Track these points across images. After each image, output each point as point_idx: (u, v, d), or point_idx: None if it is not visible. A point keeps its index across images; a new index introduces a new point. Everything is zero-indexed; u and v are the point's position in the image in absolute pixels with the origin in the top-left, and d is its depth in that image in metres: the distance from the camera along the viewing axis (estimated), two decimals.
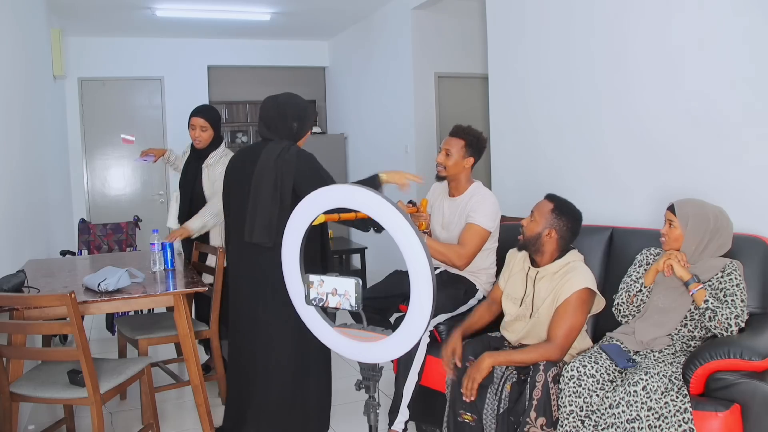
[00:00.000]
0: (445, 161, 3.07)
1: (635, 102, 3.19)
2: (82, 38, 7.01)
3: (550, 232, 2.55)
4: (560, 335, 2.44)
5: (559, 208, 2.57)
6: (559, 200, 2.61)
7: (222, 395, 3.47)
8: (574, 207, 2.62)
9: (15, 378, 2.56)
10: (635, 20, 3.17)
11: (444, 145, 3.09)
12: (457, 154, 3.05)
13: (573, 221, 2.57)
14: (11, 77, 3.69)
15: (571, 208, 2.61)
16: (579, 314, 2.47)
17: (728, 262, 2.35)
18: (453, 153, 3.05)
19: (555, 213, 2.56)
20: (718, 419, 2.05)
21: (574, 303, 2.46)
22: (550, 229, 2.55)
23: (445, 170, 3.08)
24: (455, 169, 3.07)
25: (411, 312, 1.71)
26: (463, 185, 3.11)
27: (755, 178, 2.64)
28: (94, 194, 7.38)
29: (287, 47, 7.88)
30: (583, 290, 2.47)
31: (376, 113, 6.71)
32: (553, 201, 2.60)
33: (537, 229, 2.57)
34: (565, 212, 2.57)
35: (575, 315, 2.46)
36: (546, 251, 2.58)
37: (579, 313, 2.47)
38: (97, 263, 3.74)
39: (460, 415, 2.50)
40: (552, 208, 2.57)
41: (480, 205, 3.01)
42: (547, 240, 2.56)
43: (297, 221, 1.88)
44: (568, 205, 2.61)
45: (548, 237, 2.56)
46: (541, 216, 2.58)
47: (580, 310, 2.47)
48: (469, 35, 5.84)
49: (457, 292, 3.04)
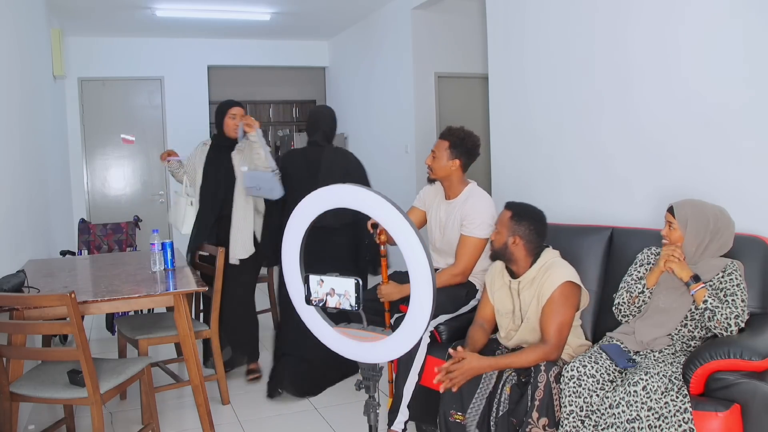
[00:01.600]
0: (431, 163, 3.06)
1: (635, 101, 3.19)
2: (82, 38, 7.01)
3: (514, 240, 2.58)
4: (552, 333, 2.45)
5: (518, 214, 2.59)
6: (516, 206, 2.64)
7: (222, 395, 3.48)
8: (533, 209, 2.64)
9: (15, 378, 2.56)
10: (635, 20, 3.17)
11: (434, 147, 3.08)
12: (441, 156, 3.03)
13: (534, 223, 2.59)
14: (11, 77, 3.69)
15: (529, 210, 2.62)
16: (566, 309, 2.48)
17: (729, 262, 2.35)
18: (438, 155, 3.04)
19: (514, 220, 2.58)
20: (718, 419, 2.05)
21: (558, 299, 2.48)
22: (514, 237, 2.57)
23: (431, 172, 3.07)
24: (442, 172, 3.05)
25: (411, 312, 1.71)
26: (456, 187, 3.09)
27: (755, 178, 2.64)
28: (94, 194, 7.38)
29: (287, 47, 7.88)
30: (564, 284, 2.49)
31: (376, 113, 6.71)
32: (510, 209, 2.63)
33: (502, 239, 2.60)
34: (524, 217, 2.58)
35: (562, 310, 2.47)
36: (517, 259, 2.60)
37: (566, 308, 2.48)
38: (97, 263, 3.74)
39: (451, 415, 2.51)
40: (510, 215, 2.60)
41: (472, 213, 3.00)
42: (514, 248, 2.58)
43: (297, 221, 1.88)
44: (526, 209, 2.63)
45: (514, 245, 2.58)
46: (503, 226, 2.61)
47: (566, 305, 2.48)
48: (469, 35, 5.84)
49: (459, 292, 3.04)
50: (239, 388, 3.72)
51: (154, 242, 3.23)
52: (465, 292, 3.06)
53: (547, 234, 2.65)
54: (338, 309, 1.78)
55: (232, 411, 3.41)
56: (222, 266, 3.39)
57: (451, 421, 2.51)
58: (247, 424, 3.25)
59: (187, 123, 7.50)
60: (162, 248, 3.24)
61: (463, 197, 3.08)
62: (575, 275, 2.54)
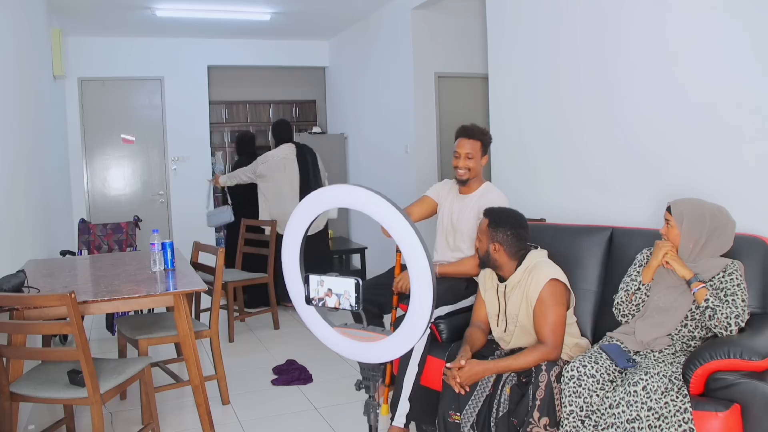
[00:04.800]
0: (468, 164, 3.06)
1: (637, 101, 3.19)
2: (82, 38, 7.01)
3: (495, 247, 2.59)
4: (547, 334, 2.46)
5: (494, 221, 2.60)
6: (493, 213, 2.65)
7: (222, 395, 3.48)
8: (510, 213, 2.64)
9: (15, 378, 2.56)
10: (636, 21, 3.17)
11: (462, 149, 3.06)
12: (477, 156, 3.07)
13: (512, 227, 2.59)
14: (11, 77, 3.69)
15: (506, 215, 2.63)
16: (557, 308, 2.49)
17: (729, 262, 2.35)
18: (475, 155, 3.07)
19: (491, 227, 2.60)
20: (718, 419, 2.05)
21: (547, 299, 2.48)
22: (494, 244, 2.59)
23: (469, 173, 3.08)
24: (476, 171, 3.10)
25: (411, 312, 1.71)
26: (474, 184, 3.14)
27: (755, 178, 2.64)
28: (94, 194, 7.38)
29: (287, 47, 7.88)
30: (549, 283, 2.49)
31: (376, 113, 6.71)
32: (488, 216, 2.64)
33: (484, 247, 2.62)
34: (500, 223, 2.59)
35: (553, 309, 2.48)
36: (501, 264, 2.61)
37: (556, 307, 2.49)
38: (97, 263, 3.74)
39: (449, 416, 2.51)
40: (488, 223, 2.61)
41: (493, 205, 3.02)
42: (496, 255, 2.60)
43: (297, 221, 1.88)
44: (503, 215, 2.63)
45: (495, 252, 2.59)
46: (483, 234, 2.62)
47: (556, 304, 2.49)
48: (469, 35, 5.84)
49: (459, 285, 3.07)
50: (239, 387, 3.73)
51: (154, 242, 3.23)
52: (465, 285, 3.09)
53: (529, 236, 2.65)
54: (338, 309, 1.78)
55: (232, 411, 3.41)
56: (222, 266, 3.42)
57: (450, 422, 2.51)
58: (247, 424, 3.25)
59: (187, 123, 7.51)
60: (162, 248, 3.24)
61: (479, 192, 3.12)
62: (560, 273, 2.55)
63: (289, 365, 4.06)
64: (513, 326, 2.61)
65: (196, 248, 3.97)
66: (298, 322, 5.03)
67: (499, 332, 2.68)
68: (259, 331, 5.00)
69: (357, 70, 7.20)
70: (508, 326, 2.63)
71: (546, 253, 2.66)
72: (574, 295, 2.69)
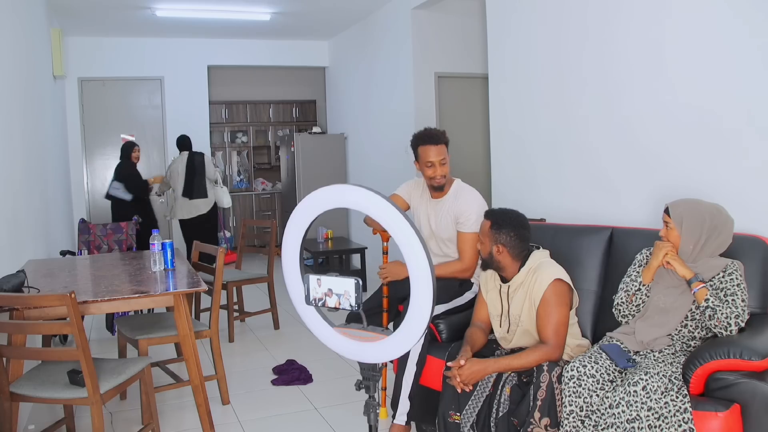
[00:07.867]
0: (444, 171, 3.05)
1: (637, 102, 3.19)
2: (82, 38, 7.02)
3: (498, 249, 2.58)
4: (550, 334, 2.46)
5: (497, 223, 2.59)
6: (494, 215, 2.64)
7: (222, 395, 3.48)
8: (512, 215, 2.63)
9: (15, 378, 2.56)
10: (636, 21, 3.17)
11: (435, 156, 3.00)
12: (447, 159, 3.06)
13: (515, 228, 2.58)
14: (11, 77, 3.69)
15: (508, 217, 2.62)
16: (560, 308, 2.48)
17: (729, 262, 2.35)
18: (446, 160, 3.06)
19: (494, 229, 2.58)
20: (718, 419, 2.05)
21: (550, 299, 2.48)
22: (497, 246, 2.58)
23: (444, 179, 3.08)
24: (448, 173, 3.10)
25: (411, 312, 1.71)
26: (446, 186, 3.12)
27: (755, 179, 2.64)
28: (94, 194, 7.38)
29: (287, 47, 7.88)
30: (553, 283, 2.49)
31: (376, 113, 6.71)
32: (489, 218, 2.63)
33: (487, 249, 2.61)
34: (503, 225, 2.58)
35: (556, 310, 2.48)
36: (505, 265, 2.61)
37: (560, 307, 2.48)
38: (97, 263, 3.74)
39: (450, 416, 2.51)
40: (490, 225, 2.60)
41: (467, 210, 3.02)
42: (499, 256, 2.59)
43: (297, 221, 1.88)
44: (505, 216, 2.62)
45: (499, 253, 2.59)
46: (485, 236, 2.61)
47: (559, 304, 2.49)
48: (469, 35, 5.84)
49: (453, 283, 3.08)
50: (239, 387, 3.73)
51: (154, 242, 3.23)
52: (459, 283, 3.09)
53: (531, 237, 2.65)
54: (338, 309, 1.78)
55: (232, 411, 3.41)
56: (222, 266, 3.41)
57: (450, 422, 2.51)
58: (247, 424, 3.25)
59: (187, 123, 7.50)
60: (162, 248, 3.24)
61: (452, 194, 3.10)
62: (563, 273, 2.55)
63: (289, 365, 4.06)
64: (515, 327, 2.61)
65: (196, 248, 3.97)
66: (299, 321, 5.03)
67: (502, 332, 2.67)
68: (259, 331, 5.00)
69: (357, 70, 7.20)
70: (510, 327, 2.62)
71: (548, 254, 2.66)
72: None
